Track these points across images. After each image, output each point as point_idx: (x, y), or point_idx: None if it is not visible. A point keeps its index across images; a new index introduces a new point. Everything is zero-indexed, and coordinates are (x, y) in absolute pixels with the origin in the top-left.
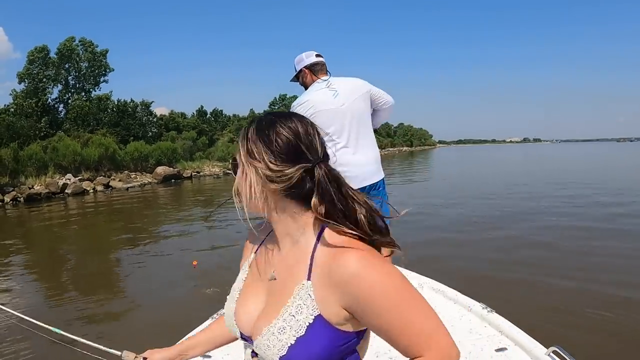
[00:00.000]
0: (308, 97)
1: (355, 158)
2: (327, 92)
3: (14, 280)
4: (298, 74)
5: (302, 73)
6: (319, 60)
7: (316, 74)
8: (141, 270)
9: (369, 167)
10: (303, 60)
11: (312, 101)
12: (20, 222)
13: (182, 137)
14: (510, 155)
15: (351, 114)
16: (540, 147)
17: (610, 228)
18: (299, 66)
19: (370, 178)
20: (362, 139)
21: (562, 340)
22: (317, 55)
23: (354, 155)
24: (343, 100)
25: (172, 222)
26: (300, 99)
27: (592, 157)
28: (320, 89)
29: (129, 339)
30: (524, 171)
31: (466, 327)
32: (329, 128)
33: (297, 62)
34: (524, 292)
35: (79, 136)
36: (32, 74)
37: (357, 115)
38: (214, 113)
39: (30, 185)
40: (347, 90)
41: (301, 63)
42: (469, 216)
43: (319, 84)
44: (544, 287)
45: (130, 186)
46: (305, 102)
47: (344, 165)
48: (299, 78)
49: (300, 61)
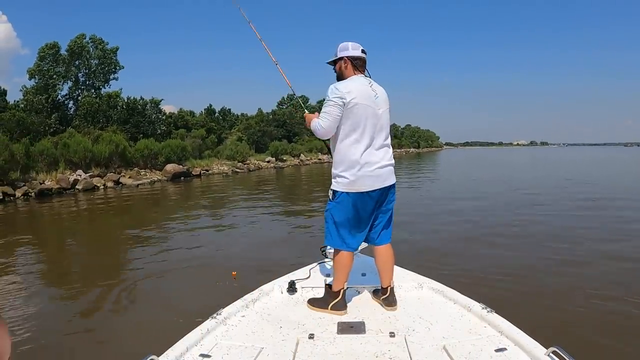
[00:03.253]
0: (353, 86)
1: (378, 157)
2: (370, 91)
3: (23, 274)
4: (337, 60)
5: (342, 61)
6: (362, 56)
7: (356, 68)
8: (151, 266)
9: (388, 168)
10: (348, 50)
11: (356, 92)
12: (32, 216)
13: (192, 135)
14: (519, 158)
15: (383, 120)
16: (547, 151)
17: (614, 229)
18: (342, 54)
19: (389, 178)
20: (387, 147)
21: (562, 340)
22: (363, 51)
23: (378, 155)
24: (379, 105)
25: (182, 218)
26: (346, 85)
27: (598, 161)
28: (365, 84)
29: (135, 335)
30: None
31: (466, 327)
32: (359, 125)
33: (341, 49)
34: (524, 292)
35: (90, 133)
36: (42, 71)
37: (386, 124)
38: (222, 112)
39: (41, 180)
40: (383, 99)
41: (345, 52)
42: (470, 217)
43: (362, 79)
44: (544, 287)
45: (140, 183)
46: (350, 90)
47: (371, 164)
48: (336, 64)
49: (344, 49)
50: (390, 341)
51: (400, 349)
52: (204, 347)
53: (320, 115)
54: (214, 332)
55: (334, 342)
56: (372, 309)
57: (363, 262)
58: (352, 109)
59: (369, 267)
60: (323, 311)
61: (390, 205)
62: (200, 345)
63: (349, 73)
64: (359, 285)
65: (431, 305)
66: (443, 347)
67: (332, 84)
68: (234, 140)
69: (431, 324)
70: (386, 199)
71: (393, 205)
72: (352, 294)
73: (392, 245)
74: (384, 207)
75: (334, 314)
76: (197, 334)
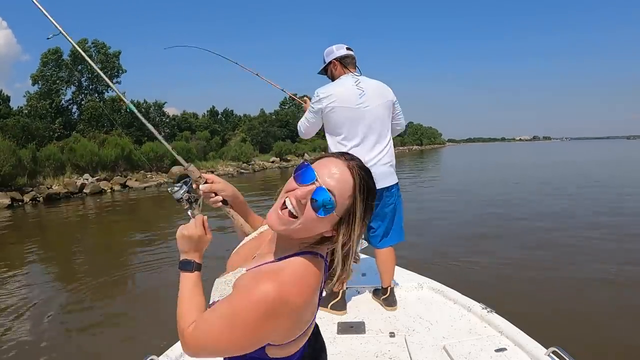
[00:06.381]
0: (333, 90)
1: (369, 157)
2: (354, 90)
3: (32, 276)
4: (327, 66)
5: (331, 65)
6: (349, 53)
7: (346, 67)
8: (154, 266)
9: (381, 169)
10: (333, 52)
11: (335, 95)
12: (41, 221)
13: (196, 137)
14: (522, 154)
15: (371, 117)
16: (550, 145)
17: (613, 228)
18: (329, 58)
19: (382, 181)
20: (378, 144)
21: (562, 340)
22: (348, 49)
23: (365, 157)
24: (367, 102)
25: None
26: (326, 89)
27: (602, 155)
28: (348, 85)
29: (135, 335)
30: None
31: (466, 327)
32: (343, 127)
33: (327, 54)
34: (524, 292)
35: (95, 137)
36: (45, 76)
37: (377, 120)
38: (225, 113)
39: (48, 185)
40: (374, 94)
41: (331, 55)
42: (470, 216)
43: (348, 79)
44: (544, 287)
45: (147, 185)
46: (329, 94)
47: None
48: (327, 71)
49: (330, 53)
50: (390, 341)
51: (400, 349)
52: None
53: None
54: None
55: (334, 342)
56: (372, 309)
57: (363, 262)
58: (329, 113)
59: (369, 267)
60: (323, 311)
61: (387, 209)
62: None
63: (339, 73)
64: (359, 285)
65: (431, 305)
66: (443, 347)
67: (316, 91)
68: (237, 141)
69: (431, 324)
70: (381, 202)
71: (393, 209)
72: (352, 294)
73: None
74: (379, 210)
75: (334, 313)
76: None
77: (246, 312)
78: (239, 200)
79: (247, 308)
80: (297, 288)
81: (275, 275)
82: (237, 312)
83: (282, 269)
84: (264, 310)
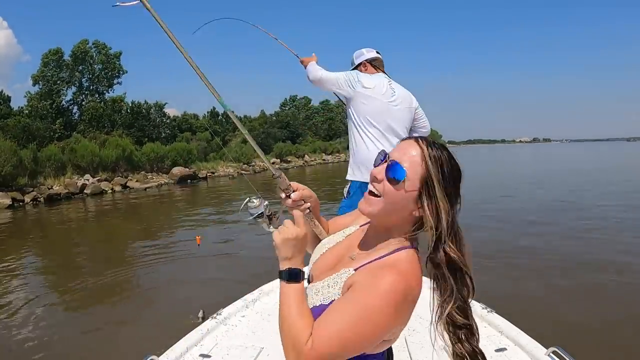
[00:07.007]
0: (374, 82)
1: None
2: (388, 88)
3: (33, 276)
4: (357, 67)
5: (361, 66)
6: (378, 56)
7: (376, 68)
8: (155, 267)
9: None
10: (364, 55)
11: (375, 86)
12: (42, 221)
13: (197, 138)
14: (524, 157)
15: (397, 116)
16: (550, 147)
17: (611, 228)
18: (360, 59)
19: None
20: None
21: (562, 340)
22: (377, 53)
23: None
24: (397, 102)
25: (191, 222)
26: (368, 78)
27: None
28: (385, 82)
29: (135, 335)
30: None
31: None
32: (371, 117)
33: (357, 56)
34: (524, 292)
35: (96, 137)
36: (46, 76)
37: (401, 121)
38: (225, 114)
39: (49, 185)
40: (402, 97)
41: (362, 57)
42: (469, 217)
43: (382, 77)
44: (544, 287)
45: (148, 186)
46: (369, 85)
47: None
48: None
49: (360, 55)
50: None
51: (400, 349)
52: (204, 347)
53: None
54: (214, 332)
55: None
56: None
57: None
58: (366, 101)
59: None
60: None
61: None
62: (200, 345)
63: (371, 73)
64: None
65: (431, 305)
66: (443, 347)
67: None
68: (238, 142)
69: (431, 324)
70: None
71: None
72: None
73: None
74: None
75: None
76: (197, 334)
77: (377, 305)
78: (318, 205)
79: (377, 300)
80: (416, 278)
81: (394, 268)
82: (366, 307)
83: (397, 262)
84: (394, 300)
